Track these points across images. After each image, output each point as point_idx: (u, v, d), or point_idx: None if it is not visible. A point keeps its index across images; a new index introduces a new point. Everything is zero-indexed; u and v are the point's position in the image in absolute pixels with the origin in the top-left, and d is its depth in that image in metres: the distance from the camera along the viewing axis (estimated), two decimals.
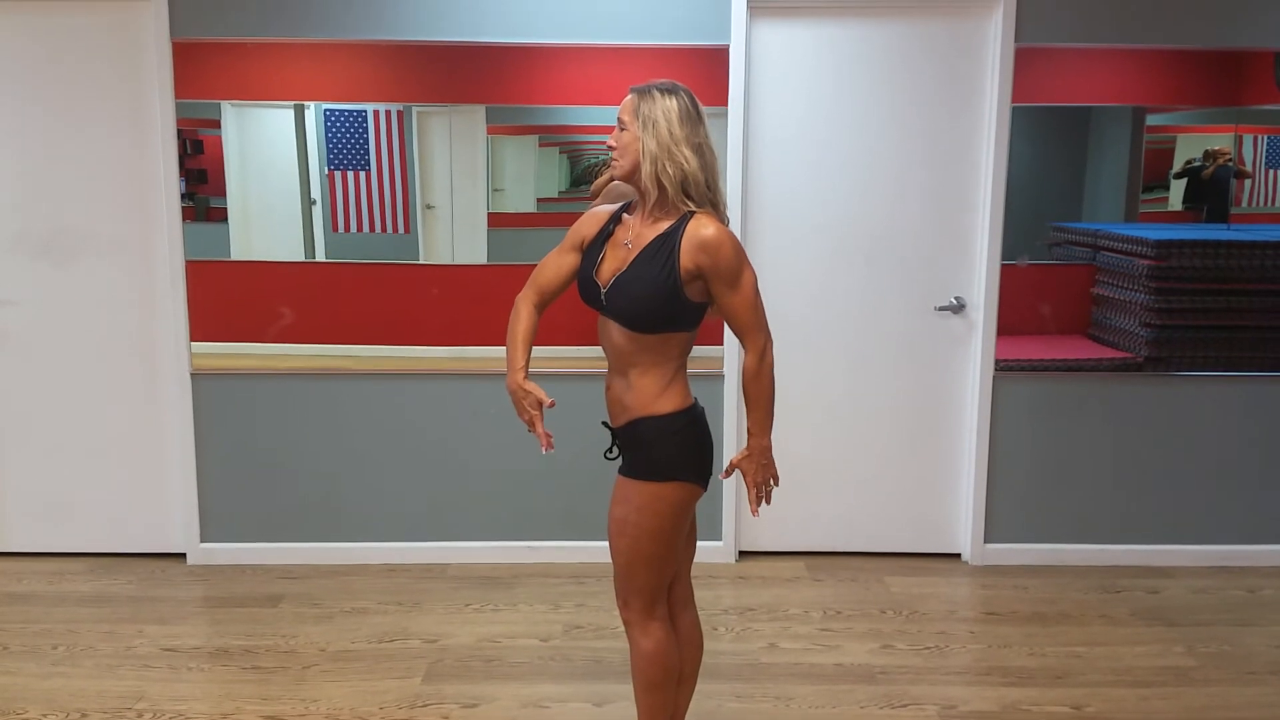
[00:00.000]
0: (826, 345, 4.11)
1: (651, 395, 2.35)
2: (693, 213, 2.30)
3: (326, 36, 3.87)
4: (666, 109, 2.29)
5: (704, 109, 2.36)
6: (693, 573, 3.99)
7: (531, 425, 2.37)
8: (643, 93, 2.33)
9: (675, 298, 2.28)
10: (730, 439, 4.08)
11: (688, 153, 2.28)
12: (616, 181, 2.48)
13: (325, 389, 4.09)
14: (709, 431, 2.44)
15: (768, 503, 2.48)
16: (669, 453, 2.35)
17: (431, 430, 4.13)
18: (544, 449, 2.40)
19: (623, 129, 2.34)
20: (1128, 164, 4.07)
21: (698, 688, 3.14)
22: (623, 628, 2.53)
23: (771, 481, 2.46)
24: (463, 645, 3.48)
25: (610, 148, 2.38)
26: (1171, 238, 4.01)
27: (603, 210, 2.48)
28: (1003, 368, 4.08)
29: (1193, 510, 4.19)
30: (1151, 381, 4.10)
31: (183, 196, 3.97)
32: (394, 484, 4.15)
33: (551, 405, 2.34)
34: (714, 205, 2.33)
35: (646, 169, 2.29)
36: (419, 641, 3.51)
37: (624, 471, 2.41)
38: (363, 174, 4.03)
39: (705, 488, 2.42)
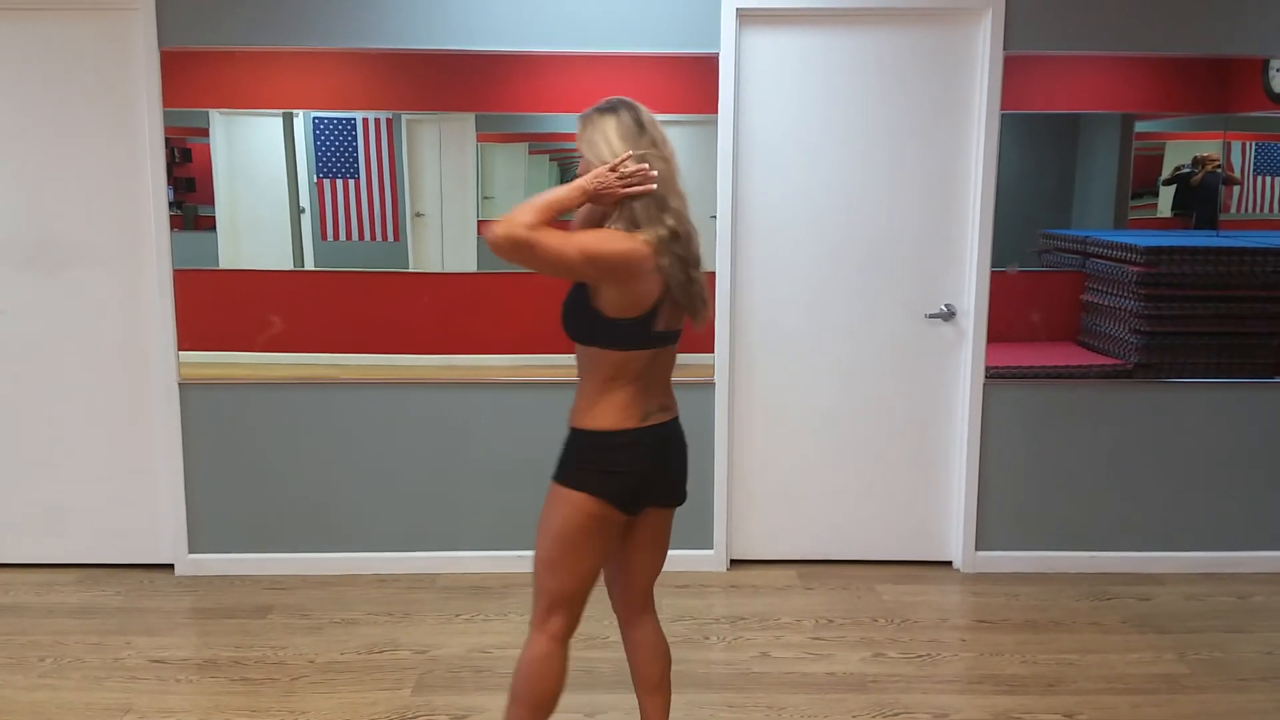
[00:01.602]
0: (817, 353, 4.11)
1: (581, 409, 2.35)
2: None
3: (315, 45, 3.86)
4: (604, 129, 2.27)
5: (652, 118, 2.30)
6: (684, 581, 4.00)
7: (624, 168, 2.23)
8: (584, 117, 2.33)
9: (585, 307, 2.26)
10: (720, 446, 4.08)
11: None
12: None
13: (314, 398, 4.07)
14: (635, 459, 2.32)
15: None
16: (574, 458, 2.34)
17: (422, 439, 4.11)
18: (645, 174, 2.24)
19: (580, 156, 2.34)
20: (1117, 171, 4.08)
21: (689, 698, 3.14)
22: (615, 638, 2.53)
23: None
24: (453, 656, 3.47)
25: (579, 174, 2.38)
26: (1161, 244, 4.02)
27: None
28: (993, 375, 4.08)
29: (1183, 516, 4.19)
30: (1141, 388, 4.10)
31: (171, 205, 3.95)
32: (384, 493, 4.13)
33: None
34: (662, 211, 2.25)
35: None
36: (409, 652, 3.49)
37: None
38: (352, 182, 4.01)
39: (618, 511, 2.33)
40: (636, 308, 2.24)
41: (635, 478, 2.34)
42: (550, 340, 3.80)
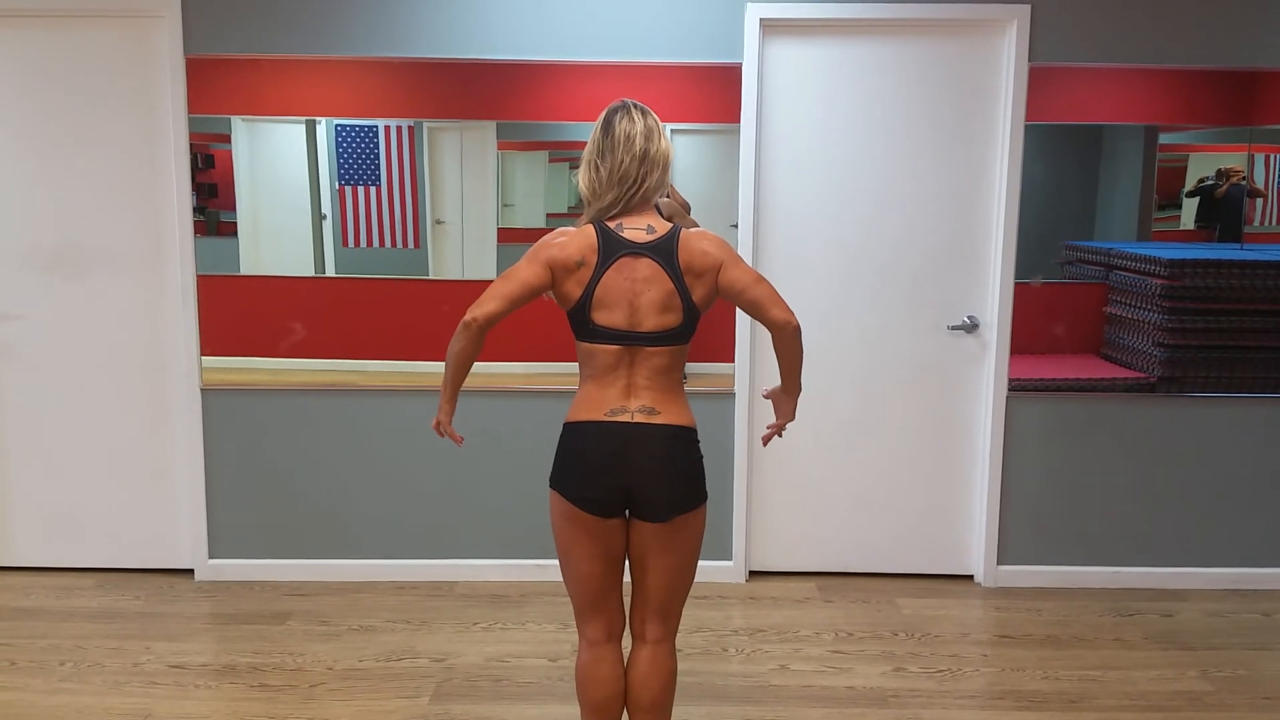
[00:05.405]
0: (838, 364, 4.09)
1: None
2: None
3: (339, 53, 3.87)
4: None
5: (611, 118, 2.39)
6: (702, 593, 3.98)
7: None
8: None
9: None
10: (740, 456, 4.07)
11: (581, 169, 2.43)
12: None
13: (335, 404, 4.08)
14: (578, 454, 2.46)
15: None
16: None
17: (441, 446, 4.09)
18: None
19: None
20: (1140, 182, 4.06)
21: (707, 709, 3.14)
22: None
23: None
24: (471, 664, 3.46)
25: None
26: (1184, 257, 3.99)
27: None
28: (1015, 387, 4.05)
29: (1206, 532, 4.15)
30: (1164, 402, 4.07)
31: (193, 210, 3.97)
32: (403, 500, 4.14)
33: None
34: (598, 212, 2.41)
35: None
36: (427, 660, 3.49)
37: None
38: (373, 189, 4.03)
39: (574, 504, 2.42)
40: None
41: (575, 468, 2.50)
42: (568, 348, 3.79)
